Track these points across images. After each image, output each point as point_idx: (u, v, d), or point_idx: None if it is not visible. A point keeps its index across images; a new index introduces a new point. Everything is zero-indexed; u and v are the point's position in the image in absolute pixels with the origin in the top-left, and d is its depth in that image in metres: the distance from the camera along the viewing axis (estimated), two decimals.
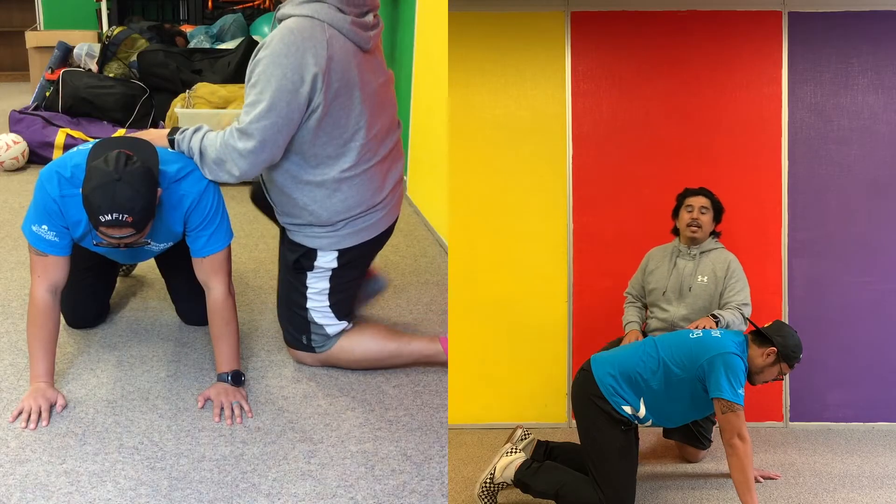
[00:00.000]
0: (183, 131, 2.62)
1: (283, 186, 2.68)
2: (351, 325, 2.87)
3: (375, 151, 2.70)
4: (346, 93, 2.56)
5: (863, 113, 3.47)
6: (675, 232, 3.17)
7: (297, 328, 2.83)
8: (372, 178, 2.70)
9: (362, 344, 2.84)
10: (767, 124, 3.48)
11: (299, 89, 2.48)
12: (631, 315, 3.13)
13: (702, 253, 3.06)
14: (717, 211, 3.10)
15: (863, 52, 3.46)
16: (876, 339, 3.48)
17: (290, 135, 2.55)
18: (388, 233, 2.86)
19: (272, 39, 2.51)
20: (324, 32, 2.51)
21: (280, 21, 2.58)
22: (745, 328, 2.90)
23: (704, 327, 2.76)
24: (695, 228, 3.05)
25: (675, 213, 3.15)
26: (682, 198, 3.14)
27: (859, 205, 3.48)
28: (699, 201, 3.07)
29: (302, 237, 2.74)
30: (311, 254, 2.75)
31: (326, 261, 2.75)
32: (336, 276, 2.78)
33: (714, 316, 2.91)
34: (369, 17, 2.64)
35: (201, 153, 2.58)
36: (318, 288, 2.78)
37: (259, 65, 2.50)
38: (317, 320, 2.80)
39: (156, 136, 2.64)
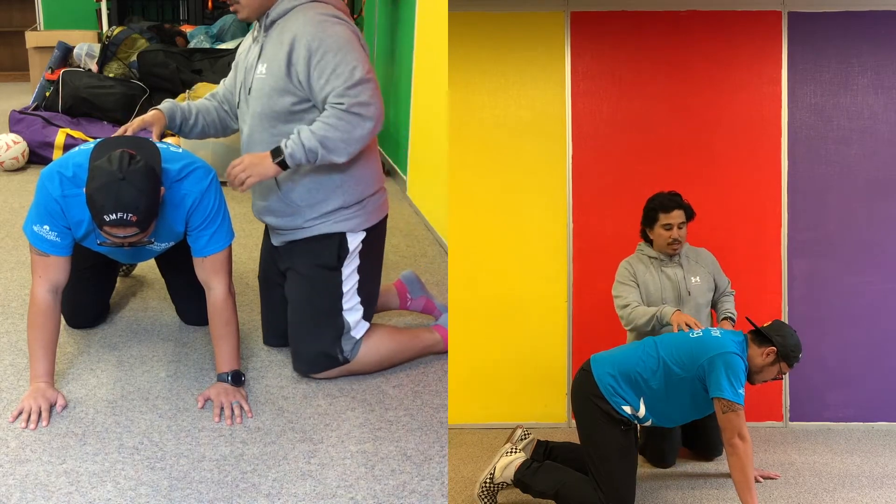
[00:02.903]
0: (285, 145, 2.56)
1: (320, 170, 2.68)
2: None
3: None
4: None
5: (863, 113, 3.47)
6: (645, 236, 3.07)
7: (330, 340, 2.76)
8: (377, 152, 2.84)
9: (382, 344, 2.85)
10: (767, 124, 3.48)
11: (363, 48, 2.60)
12: (649, 309, 2.94)
13: (683, 255, 3.05)
14: (690, 217, 3.02)
15: (863, 52, 3.46)
16: (876, 339, 3.48)
17: None
18: (385, 220, 2.90)
19: (297, 24, 2.57)
20: (331, 9, 2.62)
21: (275, 21, 2.62)
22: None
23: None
24: (676, 245, 2.99)
25: (649, 224, 3.02)
26: (654, 211, 2.99)
27: (859, 205, 3.48)
28: (676, 218, 2.97)
29: (331, 224, 2.73)
30: (342, 240, 2.75)
31: (355, 243, 2.76)
32: (363, 265, 2.79)
33: (729, 319, 3.02)
34: None
35: (322, 145, 2.54)
36: (351, 282, 2.78)
37: (314, 42, 2.53)
38: (349, 320, 2.78)
39: (259, 159, 2.60)
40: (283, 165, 2.58)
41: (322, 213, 2.72)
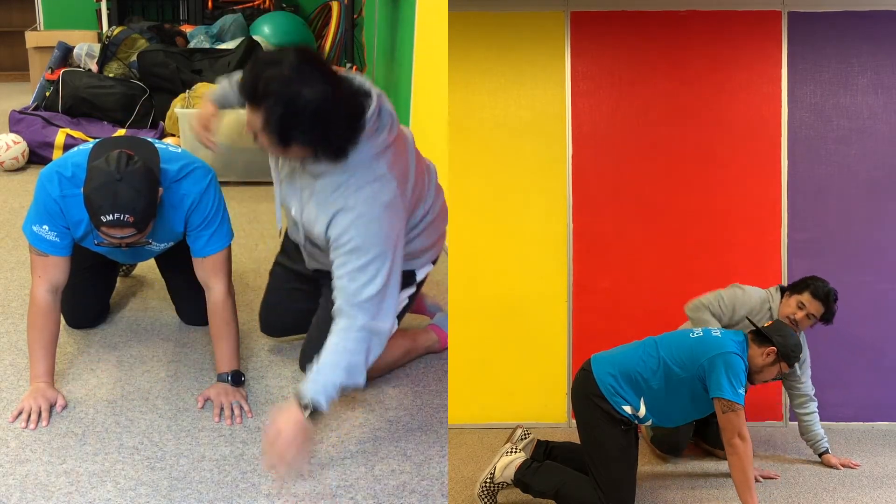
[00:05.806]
0: (305, 389, 2.23)
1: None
2: None
3: (430, 185, 2.65)
4: (411, 174, 2.45)
5: (863, 113, 3.47)
6: (782, 292, 3.00)
7: None
8: (442, 207, 2.71)
9: (387, 353, 2.79)
10: (767, 124, 3.48)
11: (401, 228, 2.36)
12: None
13: None
14: (825, 321, 2.95)
15: (863, 52, 3.46)
16: (876, 339, 3.48)
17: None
18: None
19: (347, 196, 2.28)
20: (384, 164, 2.32)
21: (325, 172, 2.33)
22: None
23: None
24: (792, 326, 2.89)
25: (795, 289, 2.94)
26: (807, 287, 2.92)
27: (859, 205, 3.48)
28: (814, 310, 2.90)
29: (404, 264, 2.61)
30: (411, 276, 2.66)
31: (421, 277, 2.70)
32: (416, 292, 2.74)
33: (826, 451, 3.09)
34: (370, 112, 2.31)
35: (347, 372, 2.26)
36: (400, 308, 2.64)
37: (351, 230, 2.27)
38: None
39: (293, 430, 2.18)
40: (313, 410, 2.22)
41: None
